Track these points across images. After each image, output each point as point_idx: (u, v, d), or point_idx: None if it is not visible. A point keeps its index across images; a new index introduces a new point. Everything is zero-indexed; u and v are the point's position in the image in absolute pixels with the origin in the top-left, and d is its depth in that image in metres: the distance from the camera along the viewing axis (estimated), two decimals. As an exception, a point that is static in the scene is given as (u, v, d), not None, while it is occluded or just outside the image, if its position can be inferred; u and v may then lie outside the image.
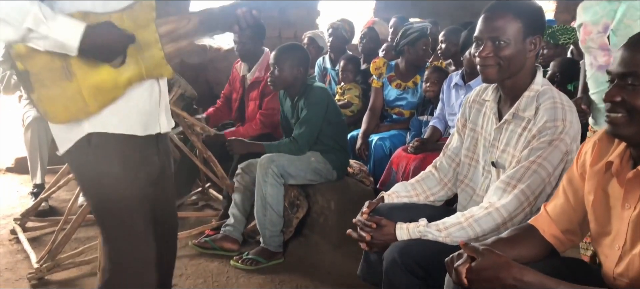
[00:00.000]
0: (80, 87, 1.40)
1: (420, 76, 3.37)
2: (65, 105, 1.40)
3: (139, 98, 1.51)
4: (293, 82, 2.86)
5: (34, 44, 1.32)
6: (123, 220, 1.53)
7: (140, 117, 1.52)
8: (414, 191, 1.91)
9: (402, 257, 1.54)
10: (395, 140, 3.31)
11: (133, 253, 1.55)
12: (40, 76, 1.36)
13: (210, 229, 3.05)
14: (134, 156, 1.51)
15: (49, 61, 1.36)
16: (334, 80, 4.09)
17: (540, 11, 1.68)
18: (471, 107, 1.86)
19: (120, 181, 1.49)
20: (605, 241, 1.26)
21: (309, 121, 2.82)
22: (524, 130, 1.62)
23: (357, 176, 3.11)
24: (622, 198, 1.20)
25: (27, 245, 2.85)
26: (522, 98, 1.64)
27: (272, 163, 2.74)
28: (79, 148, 1.47)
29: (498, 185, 1.61)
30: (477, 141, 1.81)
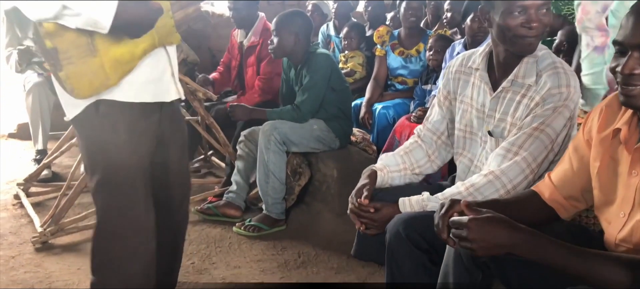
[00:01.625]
0: (103, 61, 1.41)
1: (423, 44, 3.32)
2: (90, 81, 1.41)
3: (148, 66, 1.52)
4: (294, 50, 2.83)
5: (66, 21, 1.32)
6: (123, 188, 1.53)
7: (149, 85, 1.53)
8: (403, 164, 1.82)
9: (406, 230, 1.52)
10: (399, 108, 3.28)
11: (130, 221, 1.55)
12: (68, 53, 1.37)
13: (213, 196, 3.06)
14: (139, 124, 1.52)
15: (76, 38, 1.36)
16: (338, 47, 4.04)
17: None
18: (455, 77, 1.78)
19: (125, 149, 1.50)
20: (610, 208, 1.24)
21: (311, 88, 2.79)
22: (524, 97, 1.58)
23: (360, 144, 3.10)
24: (629, 165, 1.18)
25: (31, 210, 2.87)
26: (522, 64, 1.58)
27: (274, 131, 2.73)
28: (86, 115, 1.48)
29: (498, 151, 1.57)
30: (468, 112, 1.74)
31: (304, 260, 2.48)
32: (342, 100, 2.92)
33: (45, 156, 3.36)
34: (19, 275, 2.28)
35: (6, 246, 2.55)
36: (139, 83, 1.50)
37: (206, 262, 2.44)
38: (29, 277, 2.27)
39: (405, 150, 1.86)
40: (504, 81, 1.62)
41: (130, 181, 1.53)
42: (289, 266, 2.42)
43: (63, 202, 2.65)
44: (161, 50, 1.55)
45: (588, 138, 1.31)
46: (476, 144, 1.74)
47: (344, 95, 2.93)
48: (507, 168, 1.53)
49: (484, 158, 1.70)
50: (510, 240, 1.12)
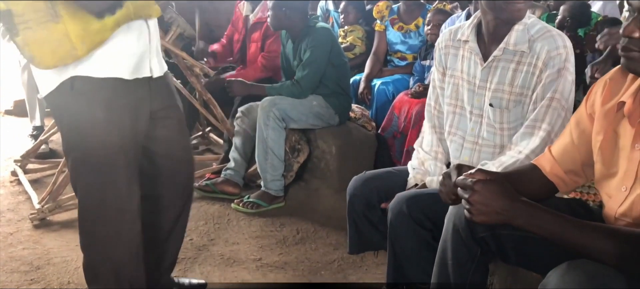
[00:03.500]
0: (67, 29, 1.32)
1: (422, 19, 3.27)
2: (52, 49, 1.32)
3: (127, 40, 1.44)
4: (291, 24, 2.79)
5: None
6: (102, 167, 1.47)
7: (128, 60, 1.46)
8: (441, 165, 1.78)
9: (410, 208, 1.52)
10: (398, 84, 3.25)
11: (111, 201, 1.50)
12: (25, 17, 1.28)
13: (211, 172, 3.05)
14: (118, 101, 1.45)
15: (34, 1, 1.27)
16: (337, 22, 3.99)
17: None
18: (446, 53, 1.76)
19: (102, 127, 1.43)
20: (611, 182, 1.23)
21: (312, 63, 2.76)
22: (519, 64, 1.58)
23: (359, 121, 3.07)
24: (632, 138, 1.17)
25: (28, 186, 2.86)
26: (512, 32, 1.58)
27: (273, 107, 2.70)
28: (60, 92, 1.40)
29: (524, 130, 1.58)
30: (458, 86, 1.72)
31: (302, 237, 2.48)
32: (341, 76, 2.89)
33: (42, 133, 3.34)
34: (17, 252, 2.28)
35: (4, 222, 2.54)
36: (115, 57, 1.43)
37: (205, 238, 2.44)
38: (27, 253, 2.27)
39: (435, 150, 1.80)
40: (494, 50, 1.61)
41: (110, 161, 1.47)
42: (287, 242, 2.42)
43: (61, 178, 2.64)
44: (141, 23, 1.48)
45: (591, 112, 1.29)
46: (465, 119, 1.72)
47: (343, 71, 2.90)
48: (535, 146, 1.54)
49: (475, 134, 1.68)
50: (509, 209, 1.11)
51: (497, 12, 1.57)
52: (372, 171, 1.86)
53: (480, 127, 1.68)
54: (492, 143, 1.66)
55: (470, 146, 1.70)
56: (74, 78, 1.39)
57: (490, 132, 1.65)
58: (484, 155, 1.67)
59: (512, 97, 1.60)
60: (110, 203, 1.51)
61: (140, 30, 1.48)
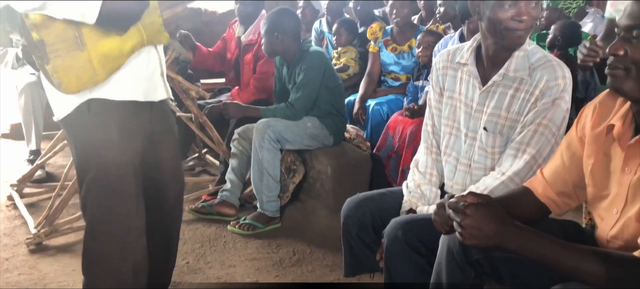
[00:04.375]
0: (90, 56, 1.41)
1: (415, 40, 3.32)
2: (77, 75, 1.41)
3: (138, 65, 1.52)
4: (283, 48, 2.83)
5: (51, 12, 1.32)
6: (115, 187, 1.53)
7: (140, 84, 1.54)
8: (436, 190, 1.79)
9: (406, 234, 1.53)
10: (392, 105, 3.29)
11: (121, 220, 1.55)
12: (56, 46, 1.37)
13: (207, 194, 3.06)
14: (131, 123, 1.53)
15: (63, 31, 1.36)
16: (331, 44, 4.04)
17: None
18: (444, 74, 1.77)
19: (117, 147, 1.50)
20: (603, 204, 1.25)
21: (305, 86, 2.79)
22: (518, 91, 1.59)
23: (354, 141, 3.10)
24: (622, 162, 1.19)
25: (25, 211, 2.86)
26: (513, 58, 1.59)
27: (268, 128, 2.72)
28: (77, 114, 1.48)
29: (508, 152, 1.59)
30: (456, 108, 1.73)
31: (299, 258, 2.48)
32: (336, 97, 2.92)
33: (38, 157, 3.35)
34: (13, 277, 2.27)
35: (0, 247, 2.54)
36: (130, 81, 1.51)
37: (201, 261, 2.44)
38: (23, 279, 2.26)
39: (430, 172, 1.81)
40: (494, 75, 1.62)
41: (122, 180, 1.53)
42: (283, 264, 2.43)
43: (57, 203, 2.64)
44: (151, 49, 1.56)
45: (581, 135, 1.31)
46: (460, 141, 1.73)
47: (337, 93, 2.93)
48: (519, 168, 1.55)
49: (469, 156, 1.70)
50: (500, 233, 1.13)
51: (498, 37, 1.58)
52: (366, 193, 1.87)
53: (473, 149, 1.69)
54: (482, 166, 1.67)
55: (463, 168, 1.72)
56: (91, 100, 1.47)
57: (482, 154, 1.67)
58: (475, 178, 1.68)
59: (507, 122, 1.61)
60: (118, 221, 1.56)
61: (149, 55, 1.56)
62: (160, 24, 1.51)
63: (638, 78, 1.11)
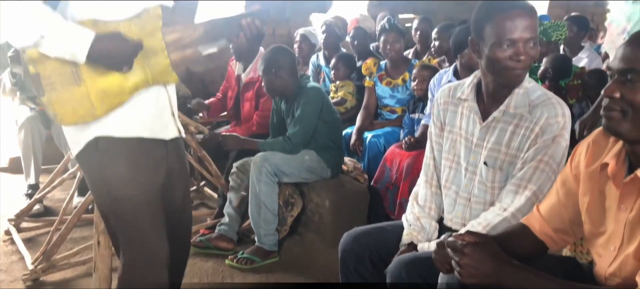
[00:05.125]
0: (88, 91, 1.44)
1: (408, 73, 3.39)
2: (73, 108, 1.45)
3: (146, 103, 1.54)
4: (283, 86, 2.87)
5: (44, 50, 1.37)
6: (131, 221, 1.56)
7: (147, 122, 1.56)
8: (434, 224, 1.81)
9: (409, 273, 1.53)
10: (389, 137, 3.32)
11: (143, 254, 1.58)
12: (51, 80, 1.41)
13: (205, 228, 3.06)
14: (140, 159, 1.55)
15: (59, 66, 1.41)
16: (328, 77, 4.09)
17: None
18: (445, 109, 1.80)
19: (127, 184, 1.53)
20: (600, 241, 1.27)
21: (302, 120, 2.83)
22: (518, 127, 1.61)
23: (351, 173, 3.12)
24: (618, 199, 1.20)
25: (22, 246, 2.85)
26: (513, 95, 1.62)
27: (266, 162, 2.74)
28: (88, 151, 1.52)
29: (509, 188, 1.60)
30: (456, 142, 1.76)
31: (297, 292, 2.47)
32: (333, 131, 2.95)
33: (37, 191, 3.35)
34: (10, 314, 2.26)
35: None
36: (135, 118, 1.53)
37: (199, 296, 2.43)
38: (20, 316, 2.25)
39: (429, 205, 1.83)
40: (494, 111, 1.65)
41: (137, 216, 1.56)
42: (282, 298, 2.42)
43: (55, 238, 2.63)
44: (161, 89, 1.58)
45: (576, 173, 1.33)
46: (460, 175, 1.75)
47: (334, 126, 2.97)
48: (521, 205, 1.56)
49: (468, 190, 1.72)
50: (498, 272, 1.14)
51: (496, 76, 1.61)
52: (363, 227, 1.88)
53: (472, 184, 1.71)
54: (482, 201, 1.69)
55: (463, 202, 1.73)
56: (98, 138, 1.50)
57: (482, 189, 1.68)
58: (475, 212, 1.69)
59: (507, 158, 1.63)
60: (142, 255, 1.58)
61: (158, 94, 1.58)
62: (167, 64, 1.52)
63: (634, 120, 1.13)
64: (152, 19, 1.49)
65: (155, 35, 1.50)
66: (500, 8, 1.57)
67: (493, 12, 1.57)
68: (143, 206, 1.56)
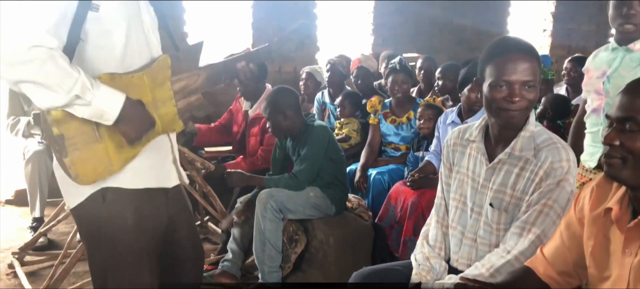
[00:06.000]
0: (107, 147, 1.42)
1: (413, 112, 3.43)
2: (94, 167, 1.41)
3: (151, 152, 1.54)
4: (289, 125, 2.91)
5: (75, 111, 1.34)
6: (129, 273, 1.53)
7: (153, 171, 1.56)
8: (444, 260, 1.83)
9: None
10: (393, 174, 3.33)
11: None
12: (74, 140, 1.38)
13: (208, 264, 3.05)
14: (145, 209, 1.53)
15: (82, 125, 1.38)
16: (333, 114, 4.14)
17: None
18: (454, 150, 1.83)
19: (131, 235, 1.51)
20: (605, 285, 1.27)
21: (309, 158, 2.85)
22: (523, 170, 1.62)
23: (355, 210, 3.12)
24: (622, 244, 1.21)
25: (25, 280, 2.84)
26: (518, 138, 1.64)
27: (271, 198, 2.76)
28: (91, 203, 1.48)
29: (513, 230, 1.60)
30: (463, 182, 1.78)
31: (300, 331, 2.45)
32: (338, 168, 2.98)
33: (41, 224, 3.36)
34: (12, 350, 2.24)
35: (-1, 318, 2.52)
36: (142, 169, 1.52)
37: (202, 334, 2.41)
38: (21, 352, 2.23)
39: (439, 246, 1.84)
40: (500, 153, 1.67)
41: (137, 267, 1.53)
42: (285, 337, 2.39)
43: (59, 272, 2.63)
44: (164, 137, 1.59)
45: (580, 217, 1.34)
46: (466, 215, 1.76)
47: (339, 164, 2.99)
48: (524, 248, 1.56)
49: (474, 231, 1.73)
50: None
51: (494, 115, 1.64)
52: (373, 266, 1.88)
53: (478, 225, 1.72)
54: (487, 242, 1.69)
55: (469, 243, 1.74)
56: (106, 189, 1.47)
57: (487, 230, 1.69)
58: (480, 253, 1.69)
59: (513, 200, 1.64)
60: None
61: (162, 143, 1.58)
62: (175, 113, 1.54)
63: (635, 167, 1.15)
64: (162, 69, 1.52)
65: (164, 85, 1.52)
66: (500, 50, 1.62)
67: (493, 54, 1.62)
68: (144, 258, 1.54)
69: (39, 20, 1.29)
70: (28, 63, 1.25)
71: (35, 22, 1.28)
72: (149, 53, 1.53)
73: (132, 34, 1.46)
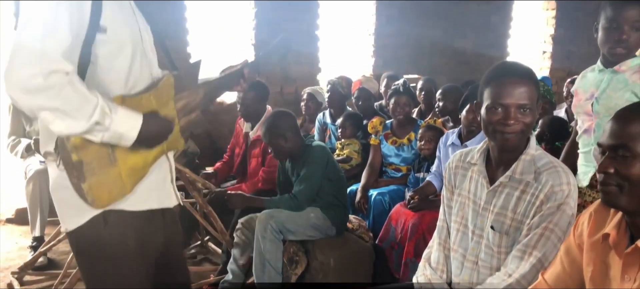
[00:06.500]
0: (120, 170, 1.42)
1: (414, 133, 3.44)
2: (109, 190, 1.40)
3: (152, 173, 1.54)
4: (291, 148, 2.92)
5: (94, 136, 1.33)
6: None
7: (154, 192, 1.56)
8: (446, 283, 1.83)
9: None
10: (394, 195, 3.34)
11: None
12: (92, 165, 1.36)
13: (208, 284, 3.04)
14: (145, 231, 1.53)
15: (99, 149, 1.36)
16: (334, 135, 4.16)
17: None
18: (456, 173, 1.84)
19: (132, 257, 1.50)
20: None
21: (308, 178, 2.86)
22: (524, 193, 1.63)
23: (356, 231, 3.12)
24: (621, 270, 1.21)
25: (24, 301, 2.83)
26: (519, 162, 1.65)
27: (271, 219, 2.76)
28: (92, 225, 1.45)
29: (515, 253, 1.61)
30: (464, 205, 1.79)
31: None
32: (338, 189, 2.98)
33: (42, 244, 3.36)
34: None
35: (-3, 339, 2.50)
36: (144, 191, 1.52)
37: None
38: None
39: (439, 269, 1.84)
40: (501, 176, 1.68)
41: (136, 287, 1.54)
42: None
43: (58, 292, 2.63)
44: (163, 157, 1.59)
45: (579, 242, 1.35)
46: (467, 238, 1.77)
47: (339, 184, 3.00)
48: (526, 271, 1.56)
49: (475, 254, 1.73)
50: None
51: (490, 137, 1.66)
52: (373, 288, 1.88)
53: (479, 247, 1.72)
54: (489, 265, 1.69)
55: (470, 266, 1.74)
56: (108, 212, 1.45)
57: (488, 253, 1.69)
58: (482, 276, 1.70)
59: (514, 223, 1.64)
60: None
61: (162, 164, 1.59)
62: (177, 132, 1.55)
63: (631, 193, 1.16)
64: (167, 89, 1.53)
65: (169, 105, 1.53)
66: (498, 74, 1.65)
67: (491, 77, 1.65)
68: (143, 279, 1.54)
69: (55, 43, 1.26)
70: (47, 90, 1.22)
71: (51, 45, 1.25)
72: (150, 74, 1.54)
73: (136, 54, 1.47)
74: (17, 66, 1.22)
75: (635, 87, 1.95)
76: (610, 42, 1.99)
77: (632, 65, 1.99)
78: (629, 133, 1.17)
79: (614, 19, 1.95)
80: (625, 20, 1.94)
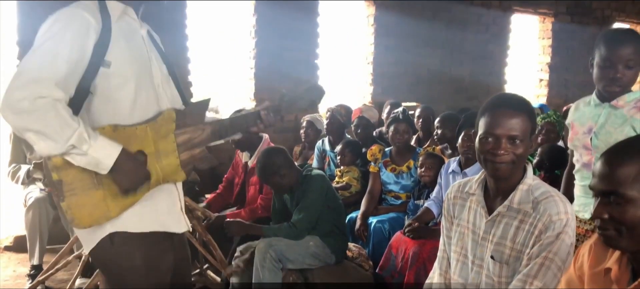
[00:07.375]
0: (105, 194, 1.49)
1: (413, 161, 3.46)
2: (90, 212, 1.48)
3: (157, 199, 1.60)
4: (290, 181, 2.92)
5: (72, 159, 1.41)
6: None
7: (159, 217, 1.62)
8: None
9: None
10: (394, 222, 3.34)
11: None
12: (73, 185, 1.45)
13: (207, 313, 3.02)
14: (153, 251, 1.60)
15: (81, 172, 1.45)
16: (333, 162, 4.17)
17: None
18: (454, 203, 1.86)
19: (142, 275, 1.58)
20: None
21: (308, 207, 2.87)
22: (522, 222, 1.64)
23: (356, 260, 3.11)
24: None
25: (20, 331, 2.80)
26: (516, 191, 1.66)
27: (270, 248, 2.75)
28: (102, 247, 1.56)
29: (516, 283, 1.61)
30: (464, 235, 1.79)
31: None
32: (337, 216, 2.98)
33: (40, 272, 3.33)
34: None
35: None
36: (149, 213, 1.58)
37: None
38: None
39: None
40: (499, 205, 1.69)
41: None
42: None
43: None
44: (171, 186, 1.66)
45: (580, 274, 1.34)
46: (467, 268, 1.77)
47: (338, 212, 3.00)
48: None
49: (476, 283, 1.72)
50: None
51: (482, 165, 1.68)
52: None
53: (480, 278, 1.72)
54: None
55: None
56: (113, 234, 1.54)
57: (489, 283, 1.69)
58: None
59: (513, 252, 1.65)
60: None
61: (170, 192, 1.66)
62: (177, 165, 1.60)
63: (631, 236, 1.16)
64: (166, 123, 1.59)
65: (168, 138, 1.59)
66: (492, 104, 1.68)
67: (486, 108, 1.69)
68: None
69: (50, 73, 1.37)
70: (32, 112, 1.33)
71: (46, 74, 1.37)
72: (157, 107, 1.60)
73: (142, 89, 1.55)
74: (12, 88, 1.34)
75: (634, 121, 1.96)
76: (605, 80, 2.01)
77: (629, 100, 2.00)
78: (618, 178, 1.17)
79: (608, 58, 1.97)
80: (619, 59, 1.95)
